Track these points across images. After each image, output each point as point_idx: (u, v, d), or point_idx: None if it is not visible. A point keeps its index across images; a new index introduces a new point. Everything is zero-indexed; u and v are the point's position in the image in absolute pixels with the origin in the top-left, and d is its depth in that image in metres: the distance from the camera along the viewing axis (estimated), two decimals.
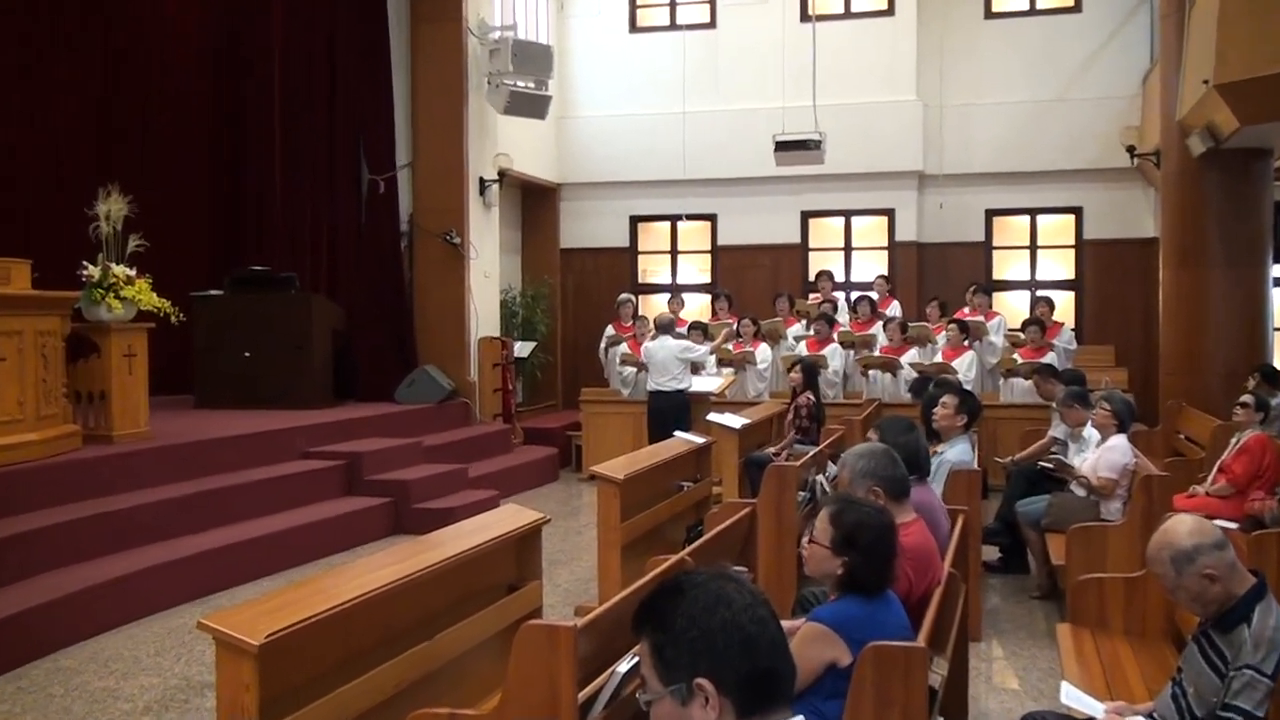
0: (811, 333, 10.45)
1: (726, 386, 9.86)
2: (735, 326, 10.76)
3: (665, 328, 9.23)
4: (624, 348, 10.72)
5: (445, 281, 10.24)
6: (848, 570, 2.80)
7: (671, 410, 8.85)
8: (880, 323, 10.51)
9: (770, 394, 10.26)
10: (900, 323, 10.15)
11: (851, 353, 10.36)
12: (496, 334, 10.81)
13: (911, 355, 9.91)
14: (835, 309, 10.99)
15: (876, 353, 10.14)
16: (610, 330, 11.24)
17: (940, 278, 12.09)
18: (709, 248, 12.89)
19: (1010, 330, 10.48)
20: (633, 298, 11.68)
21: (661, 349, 9.13)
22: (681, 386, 9.04)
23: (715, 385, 9.60)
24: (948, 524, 4.07)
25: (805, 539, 2.97)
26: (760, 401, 9.81)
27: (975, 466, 5.44)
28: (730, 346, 10.50)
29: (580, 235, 13.08)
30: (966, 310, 10.82)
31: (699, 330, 10.06)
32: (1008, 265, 12.31)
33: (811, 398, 8.24)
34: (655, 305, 12.96)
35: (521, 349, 11.28)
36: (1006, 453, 7.71)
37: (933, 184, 12.09)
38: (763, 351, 10.39)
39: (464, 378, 10.23)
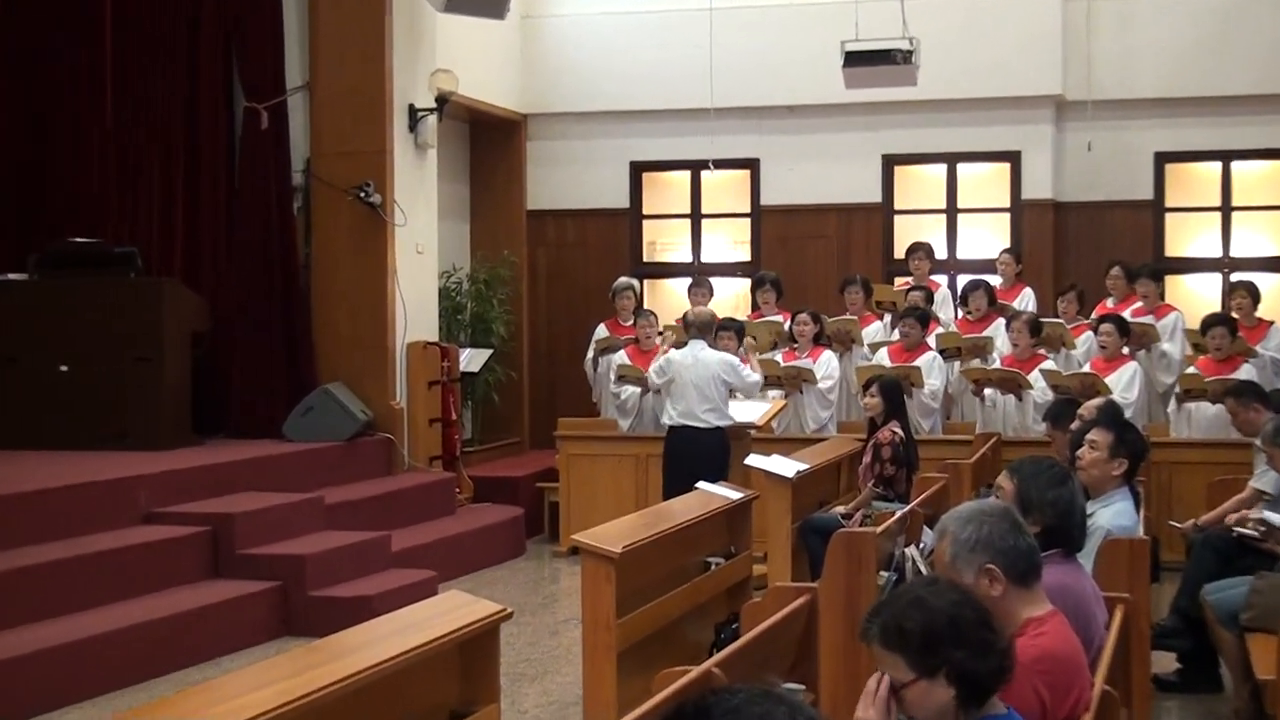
0: (897, 335, 10.43)
1: (774, 415, 9.84)
2: (786, 326, 10.74)
3: (702, 329, 9.12)
4: (622, 357, 10.71)
5: (359, 260, 10.23)
6: (959, 678, 2.83)
7: (704, 455, 8.71)
8: (1001, 320, 10.49)
9: (838, 426, 10.25)
10: (1030, 320, 10.10)
11: (957, 364, 10.32)
12: (434, 338, 10.79)
13: (1047, 367, 9.88)
14: (933, 300, 10.97)
15: (996, 364, 10.12)
16: (602, 331, 11.22)
17: (1087, 254, 12.05)
18: (748, 210, 12.87)
19: (1189, 331, 10.46)
20: (635, 284, 11.65)
21: (695, 364, 8.97)
22: (721, 422, 8.94)
23: (757, 413, 9.58)
24: (1102, 618, 4.06)
25: None
26: (823, 437, 9.76)
27: (1141, 533, 5.42)
28: (779, 357, 10.47)
29: (557, 191, 13.07)
30: (1109, 302, 10.76)
31: (731, 332, 10.01)
32: (1188, 235, 12.28)
33: (898, 432, 8.21)
34: (668, 295, 12.93)
35: (471, 360, 11.22)
36: (1186, 513, 7.67)
37: (1077, 115, 12.07)
38: (826, 363, 10.38)
39: (386, 403, 10.22)
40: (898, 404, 8.39)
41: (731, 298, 12.69)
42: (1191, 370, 9.86)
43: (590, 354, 11.19)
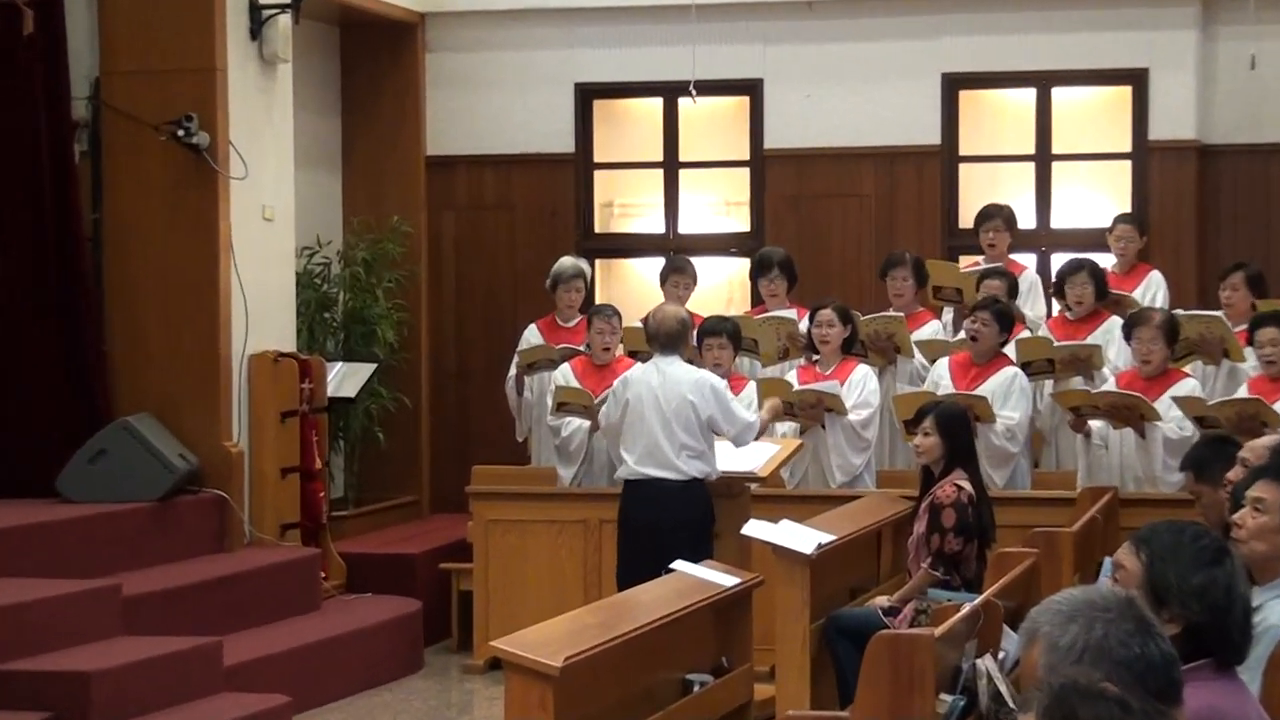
0: (963, 339, 10.45)
1: (784, 461, 9.90)
2: (802, 328, 10.77)
3: (667, 343, 9.18)
4: (564, 374, 10.75)
5: (176, 231, 10.30)
6: None
7: (678, 522, 8.82)
8: (1115, 319, 10.51)
9: (875, 477, 10.30)
10: (1166, 320, 10.08)
11: (1049, 384, 10.34)
12: (291, 348, 10.87)
13: (1187, 387, 9.85)
14: (1016, 290, 10.99)
15: (1109, 384, 10.08)
16: (531, 337, 11.28)
17: (1249, 220, 12.22)
18: (746, 156, 12.97)
19: None
20: (584, 266, 11.64)
21: (661, 385, 9.03)
22: (697, 472, 9.00)
23: (760, 459, 9.63)
24: None
25: None
26: (856, 494, 9.84)
27: None
28: (791, 374, 10.53)
29: (470, 129, 13.17)
30: None
31: (724, 336, 10.04)
32: None
33: (964, 486, 8.28)
34: (632, 281, 13.02)
35: (344, 380, 11.30)
36: None
37: (1235, 16, 12.17)
38: (860, 382, 10.43)
39: (217, 444, 10.26)
40: (964, 445, 8.47)
41: (723, 285, 12.87)
42: None
43: (513, 371, 11.21)
